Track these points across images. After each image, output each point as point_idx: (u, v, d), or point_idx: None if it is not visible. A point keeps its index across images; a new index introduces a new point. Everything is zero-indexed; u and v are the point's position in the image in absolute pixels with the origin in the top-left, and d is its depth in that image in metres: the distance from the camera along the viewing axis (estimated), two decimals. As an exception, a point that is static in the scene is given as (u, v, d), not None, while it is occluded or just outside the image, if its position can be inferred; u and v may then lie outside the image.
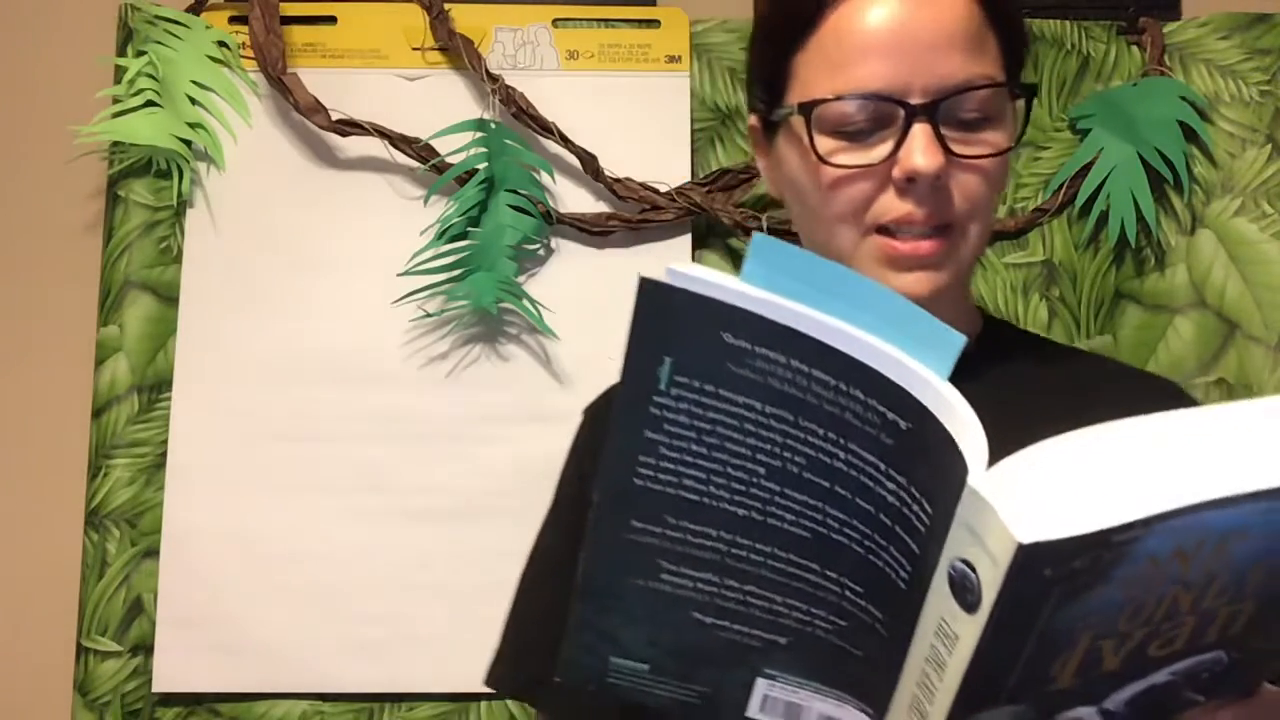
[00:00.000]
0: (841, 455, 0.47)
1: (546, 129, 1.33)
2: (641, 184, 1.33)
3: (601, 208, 1.35)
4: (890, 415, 0.46)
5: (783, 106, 0.70)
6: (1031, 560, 0.39)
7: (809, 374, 0.45)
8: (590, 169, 1.33)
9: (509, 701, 1.27)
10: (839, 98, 0.65)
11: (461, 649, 1.27)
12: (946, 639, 0.45)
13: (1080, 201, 1.35)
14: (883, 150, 0.65)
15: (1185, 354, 1.34)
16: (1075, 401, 0.57)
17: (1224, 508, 0.40)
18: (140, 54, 1.34)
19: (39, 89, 1.41)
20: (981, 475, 0.42)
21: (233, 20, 1.37)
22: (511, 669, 0.80)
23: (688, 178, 1.35)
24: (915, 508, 0.46)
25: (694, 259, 1.34)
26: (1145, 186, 1.34)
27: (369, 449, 1.31)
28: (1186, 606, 0.44)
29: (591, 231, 1.34)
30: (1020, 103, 0.69)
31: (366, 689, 1.28)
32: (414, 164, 1.34)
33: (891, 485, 0.47)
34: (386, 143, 1.33)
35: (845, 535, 0.48)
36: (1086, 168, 1.35)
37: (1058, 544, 0.39)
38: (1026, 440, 0.43)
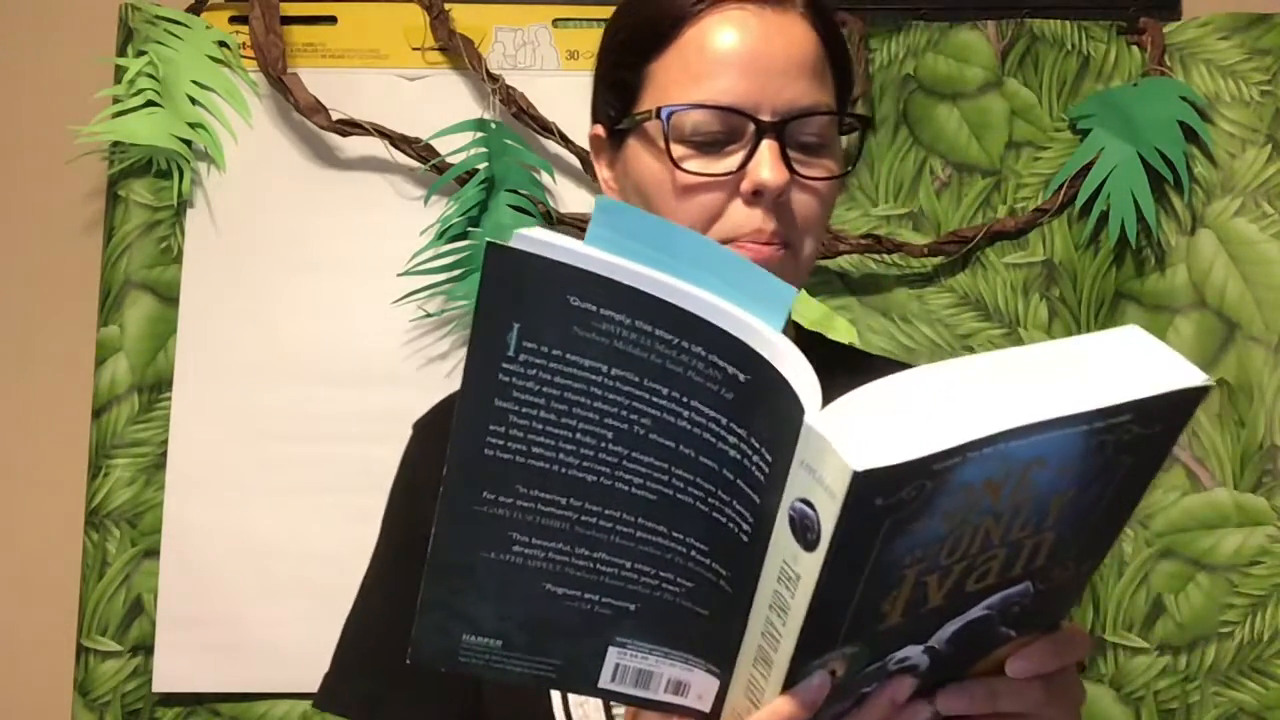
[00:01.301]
0: (685, 414, 0.48)
1: (546, 129, 1.33)
2: (641, 184, 1.33)
3: (601, 208, 1.35)
4: (730, 369, 0.47)
5: (636, 113, 0.73)
6: (865, 488, 0.42)
7: (652, 333, 0.47)
8: (590, 169, 1.33)
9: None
10: (699, 106, 0.68)
11: (461, 649, 1.27)
12: (789, 582, 0.47)
13: (1080, 201, 1.35)
14: (732, 162, 0.69)
15: (1185, 354, 1.32)
16: None
17: (1025, 436, 0.44)
18: (140, 54, 1.34)
19: (39, 89, 1.41)
20: (817, 415, 0.45)
21: (233, 20, 1.37)
22: (342, 689, 0.81)
23: (688, 178, 1.35)
24: (756, 458, 0.48)
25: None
26: (1145, 186, 1.34)
27: (369, 449, 1.31)
28: (997, 538, 0.48)
29: (591, 231, 1.34)
30: (848, 137, 0.75)
31: (366, 689, 1.28)
32: (414, 164, 1.34)
33: (733, 439, 0.48)
34: (386, 143, 1.33)
35: (690, 495, 0.49)
36: (1086, 168, 1.35)
37: (887, 470, 0.42)
38: None
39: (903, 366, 0.91)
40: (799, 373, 0.47)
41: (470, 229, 1.32)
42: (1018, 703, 0.54)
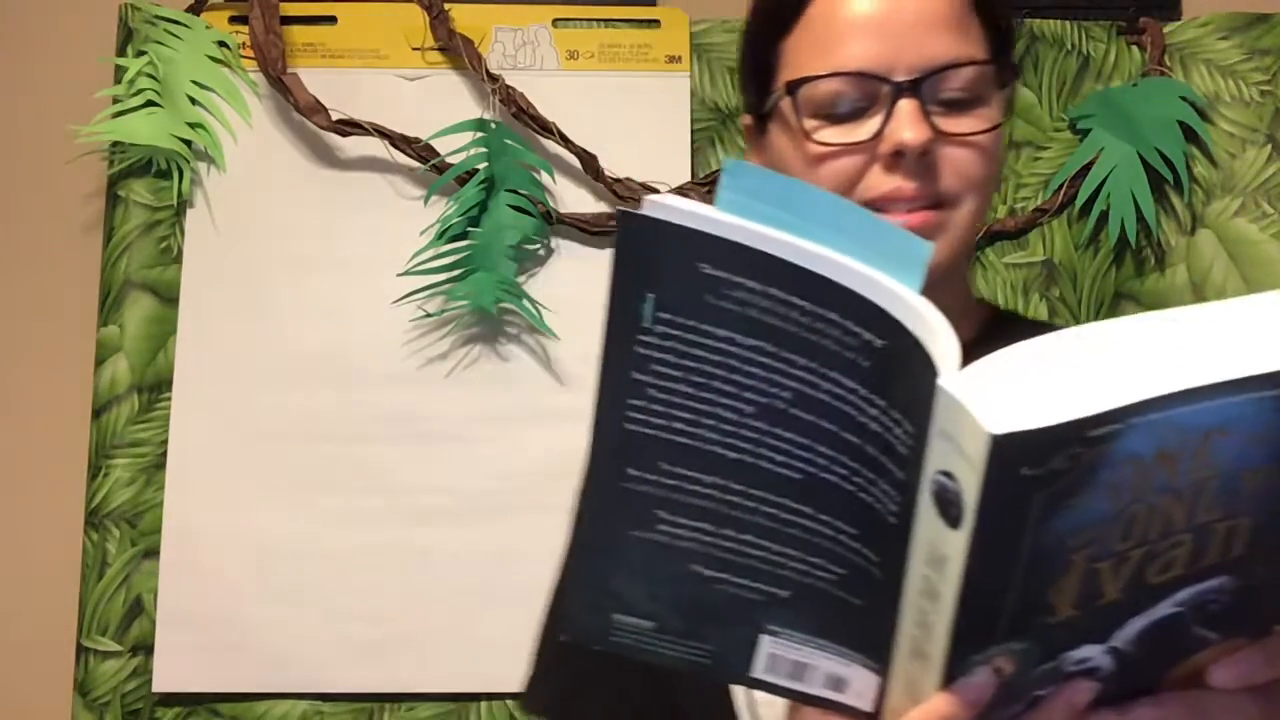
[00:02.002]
0: (824, 385, 0.46)
1: (546, 129, 1.33)
2: (641, 184, 1.33)
3: (601, 208, 1.35)
4: (865, 334, 0.45)
5: (772, 93, 0.71)
6: (1006, 455, 0.38)
7: (785, 300, 0.45)
8: (590, 169, 1.33)
9: (509, 702, 1.27)
10: (824, 75, 0.66)
11: (461, 649, 1.27)
12: (937, 564, 0.43)
13: (1080, 201, 1.35)
14: (870, 127, 0.66)
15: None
16: None
17: (1202, 399, 0.39)
18: (140, 54, 1.34)
19: (39, 89, 1.41)
20: (952, 377, 0.41)
21: (233, 20, 1.37)
22: (538, 690, 0.80)
23: (688, 178, 1.35)
24: (898, 431, 0.45)
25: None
26: (1145, 186, 1.34)
27: (369, 449, 1.31)
28: (1181, 521, 0.43)
29: (591, 231, 1.34)
30: (1007, 89, 0.70)
31: (366, 689, 1.28)
32: (414, 164, 1.34)
33: (873, 411, 0.46)
34: (386, 143, 1.33)
35: (834, 473, 0.47)
36: (1086, 168, 1.35)
37: (1031, 435, 0.38)
38: None
39: None
40: (935, 333, 0.43)
41: (470, 229, 1.32)
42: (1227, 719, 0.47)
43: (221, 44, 1.36)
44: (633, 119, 1.36)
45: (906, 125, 0.64)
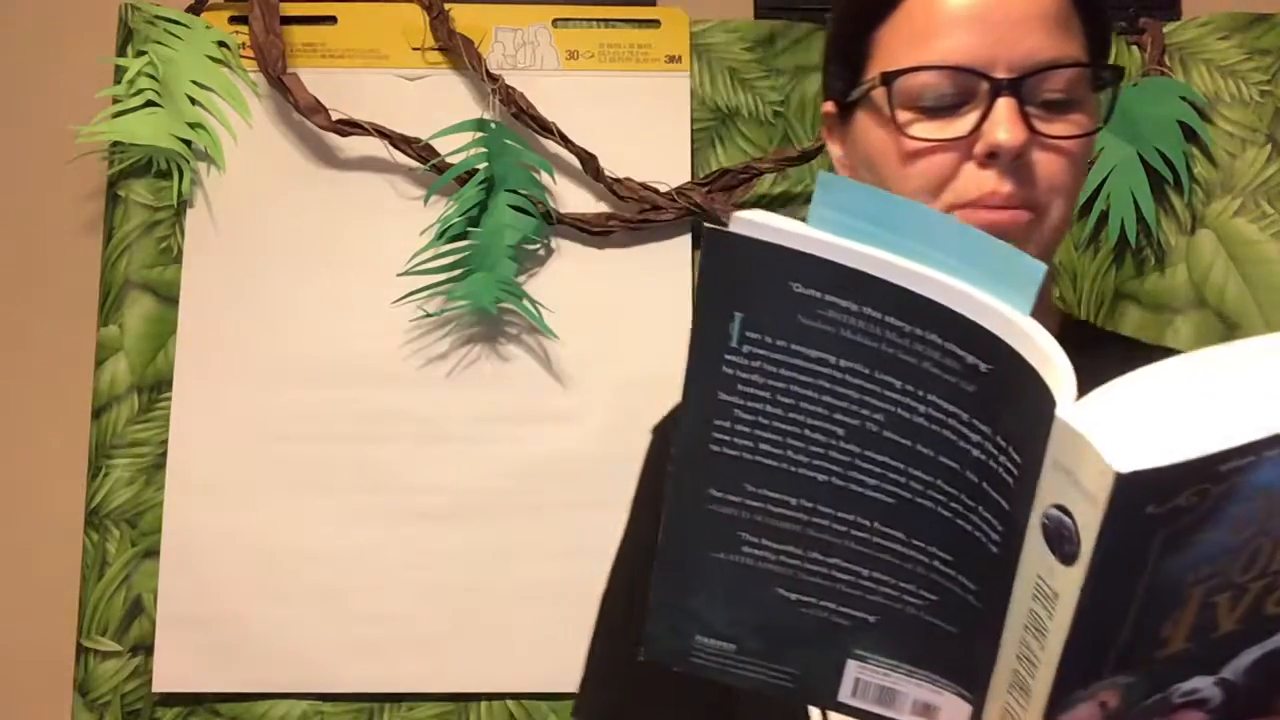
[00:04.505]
0: (921, 409, 0.44)
1: (546, 129, 1.33)
2: (641, 184, 1.33)
3: (601, 208, 1.35)
4: (970, 359, 0.43)
5: (863, 82, 0.69)
6: (1132, 493, 0.37)
7: (882, 321, 0.43)
8: (590, 169, 1.33)
9: (509, 702, 1.26)
10: (923, 68, 0.64)
11: (461, 649, 1.27)
12: (1045, 600, 0.41)
13: (1080, 201, 1.35)
14: (965, 124, 0.64)
15: (1185, 354, 1.34)
16: None
17: None
18: (140, 54, 1.34)
19: (39, 89, 1.41)
20: (1071, 408, 0.39)
21: (233, 20, 1.37)
22: (589, 699, 0.79)
23: (688, 178, 1.35)
24: (1002, 459, 0.43)
25: (693, 260, 1.34)
26: (1145, 186, 1.34)
27: (369, 449, 1.31)
28: None
29: (591, 231, 1.34)
30: (1104, 93, 0.69)
31: (366, 689, 1.28)
32: (414, 164, 1.34)
33: (976, 437, 0.44)
34: (386, 143, 1.33)
35: (930, 499, 0.46)
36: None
37: (1160, 473, 0.36)
38: None
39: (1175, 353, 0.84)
40: (1049, 360, 0.41)
41: (470, 229, 1.32)
42: None
43: (221, 44, 1.36)
44: (633, 119, 1.36)
45: (1004, 125, 0.63)
